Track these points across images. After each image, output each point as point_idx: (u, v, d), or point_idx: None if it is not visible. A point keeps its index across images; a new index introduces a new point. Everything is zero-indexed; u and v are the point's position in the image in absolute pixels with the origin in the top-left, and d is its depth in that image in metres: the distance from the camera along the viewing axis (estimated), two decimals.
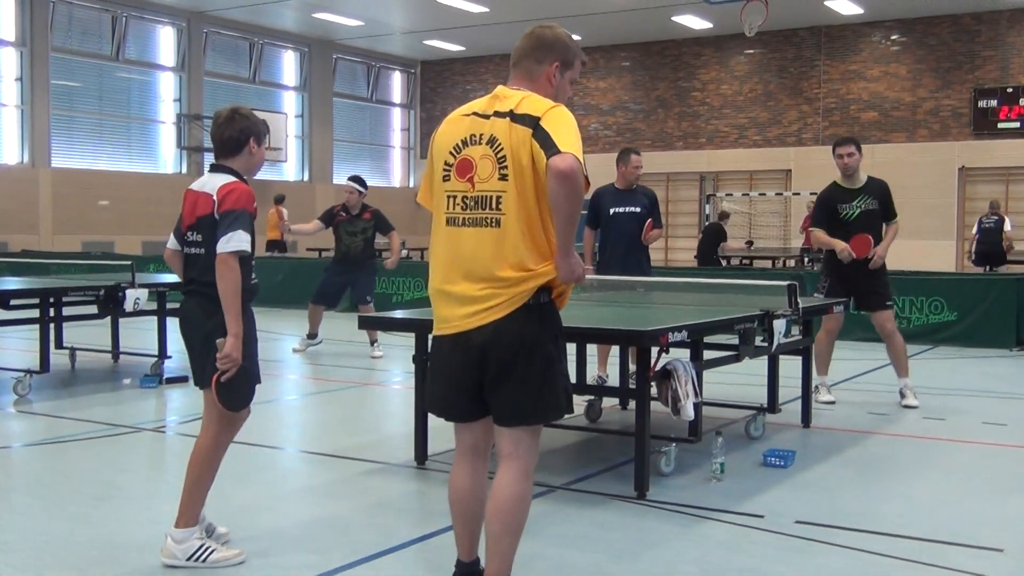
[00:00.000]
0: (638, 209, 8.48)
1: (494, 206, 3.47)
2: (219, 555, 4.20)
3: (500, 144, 3.48)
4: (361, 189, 11.04)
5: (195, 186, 4.32)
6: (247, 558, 4.26)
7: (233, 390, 4.16)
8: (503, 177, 3.46)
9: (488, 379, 3.52)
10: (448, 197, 3.58)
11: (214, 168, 4.32)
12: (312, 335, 11.22)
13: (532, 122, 3.43)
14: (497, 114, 3.54)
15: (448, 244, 3.57)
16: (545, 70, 3.71)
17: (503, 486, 3.50)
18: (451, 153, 3.60)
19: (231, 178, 4.23)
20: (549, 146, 3.35)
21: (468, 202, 3.52)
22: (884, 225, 8.10)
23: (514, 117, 3.48)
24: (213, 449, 4.27)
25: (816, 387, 8.01)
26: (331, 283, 11.23)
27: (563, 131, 3.40)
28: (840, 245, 7.92)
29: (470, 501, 3.67)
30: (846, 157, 8.02)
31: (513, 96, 3.57)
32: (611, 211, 8.53)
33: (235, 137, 4.26)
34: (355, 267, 11.16)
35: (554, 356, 3.54)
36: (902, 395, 8.05)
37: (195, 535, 4.21)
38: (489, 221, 3.48)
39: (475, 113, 3.63)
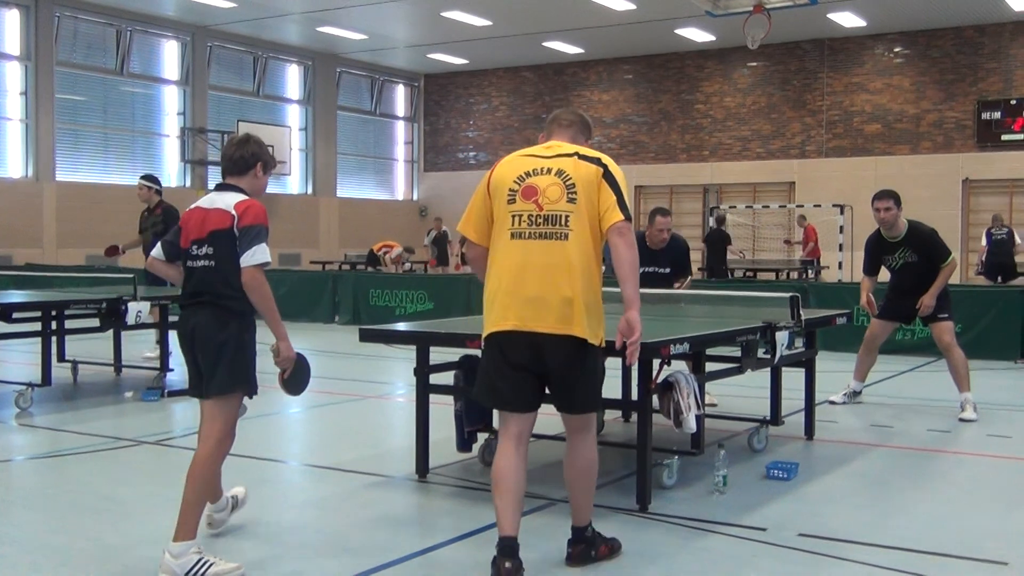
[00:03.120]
0: (667, 270, 8.14)
1: (563, 223, 4.18)
2: (217, 569, 4.17)
3: (568, 175, 4.23)
4: (150, 185, 11.49)
5: (203, 203, 4.46)
6: (246, 571, 4.24)
7: (297, 379, 4.56)
8: (571, 200, 4.19)
9: (554, 376, 4.23)
10: (513, 216, 4.23)
11: (222, 187, 4.48)
12: None
13: (600, 164, 4.28)
14: (559, 155, 4.32)
15: (516, 254, 4.21)
16: (582, 143, 4.52)
17: (580, 455, 4.36)
18: (515, 182, 4.26)
19: (244, 196, 4.40)
20: (623, 205, 4.21)
21: (536, 219, 4.20)
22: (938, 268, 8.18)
23: (580, 156, 4.29)
24: (215, 460, 4.32)
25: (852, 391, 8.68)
26: None
27: (623, 191, 4.26)
28: (863, 299, 8.35)
29: (513, 480, 4.21)
30: (883, 211, 8.04)
31: (569, 146, 4.40)
32: (640, 269, 8.22)
33: (245, 158, 4.47)
34: None
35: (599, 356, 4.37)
36: (961, 408, 8.05)
37: (192, 549, 4.18)
38: (559, 235, 4.18)
39: (533, 155, 4.38)
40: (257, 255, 4.25)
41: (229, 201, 4.35)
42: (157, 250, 4.59)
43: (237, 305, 4.32)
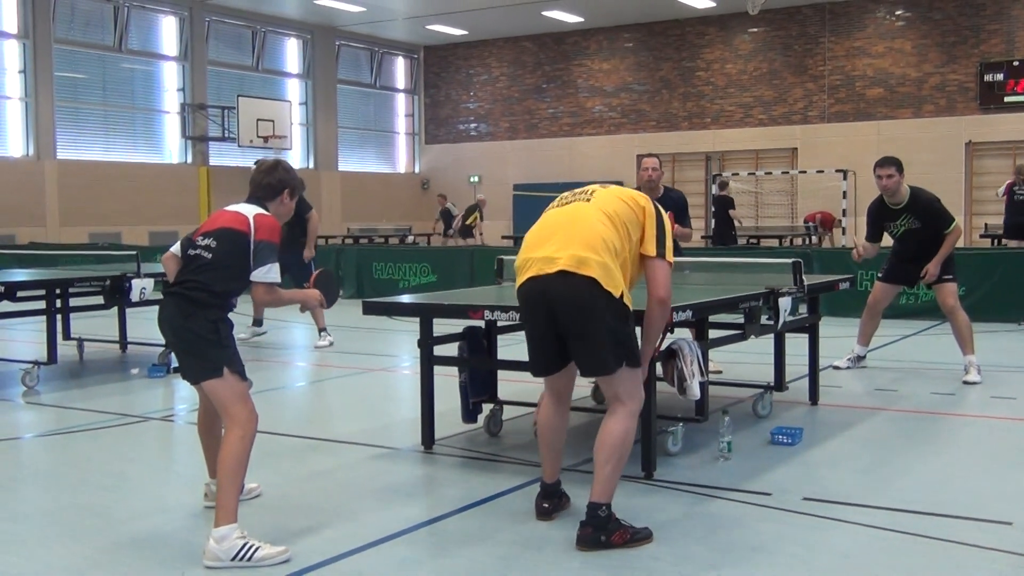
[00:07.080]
0: None
1: (588, 194, 4.52)
2: (263, 552, 4.05)
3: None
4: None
5: (227, 208, 4.57)
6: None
7: (331, 294, 4.83)
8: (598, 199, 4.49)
9: (568, 322, 4.35)
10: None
11: (251, 200, 4.56)
12: (257, 321, 11.12)
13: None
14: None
15: (542, 220, 4.57)
16: None
17: (606, 426, 4.39)
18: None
19: (264, 211, 4.50)
20: (662, 243, 4.51)
21: (564, 199, 4.59)
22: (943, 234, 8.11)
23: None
24: (238, 443, 4.22)
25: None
26: None
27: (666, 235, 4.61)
28: (856, 254, 8.42)
29: (549, 434, 4.64)
30: (885, 179, 7.98)
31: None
32: None
33: (272, 184, 4.57)
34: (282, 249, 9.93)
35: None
36: (965, 371, 8.05)
37: (236, 533, 4.06)
38: (583, 199, 4.50)
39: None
40: (272, 273, 4.34)
41: (250, 211, 4.45)
42: (176, 247, 4.58)
43: (204, 299, 4.30)
